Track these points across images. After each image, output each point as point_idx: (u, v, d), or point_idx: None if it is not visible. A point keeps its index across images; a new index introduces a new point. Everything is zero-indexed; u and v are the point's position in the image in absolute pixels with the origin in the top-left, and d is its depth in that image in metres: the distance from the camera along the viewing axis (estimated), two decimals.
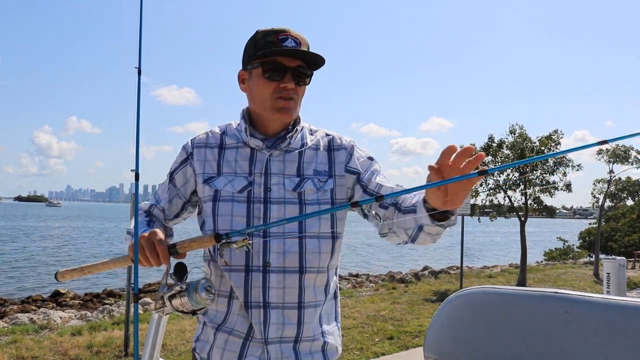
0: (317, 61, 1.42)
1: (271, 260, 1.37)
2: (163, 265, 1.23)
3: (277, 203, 1.39)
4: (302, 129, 1.50)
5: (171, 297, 1.25)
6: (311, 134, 1.51)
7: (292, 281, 1.37)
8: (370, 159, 1.49)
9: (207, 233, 1.42)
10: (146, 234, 1.24)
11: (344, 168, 1.45)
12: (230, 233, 1.13)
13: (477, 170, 1.01)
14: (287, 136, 1.44)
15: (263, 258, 1.37)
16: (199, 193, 1.47)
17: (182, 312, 1.27)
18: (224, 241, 1.13)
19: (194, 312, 1.26)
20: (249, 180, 1.41)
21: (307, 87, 1.47)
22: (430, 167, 1.05)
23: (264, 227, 1.24)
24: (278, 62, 1.38)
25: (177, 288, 1.24)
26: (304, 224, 1.39)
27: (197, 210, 1.55)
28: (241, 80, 1.49)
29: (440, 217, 1.18)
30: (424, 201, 1.17)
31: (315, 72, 1.51)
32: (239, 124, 1.50)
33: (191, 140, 1.51)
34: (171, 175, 1.52)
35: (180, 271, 1.25)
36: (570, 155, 11.67)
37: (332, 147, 1.49)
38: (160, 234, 1.23)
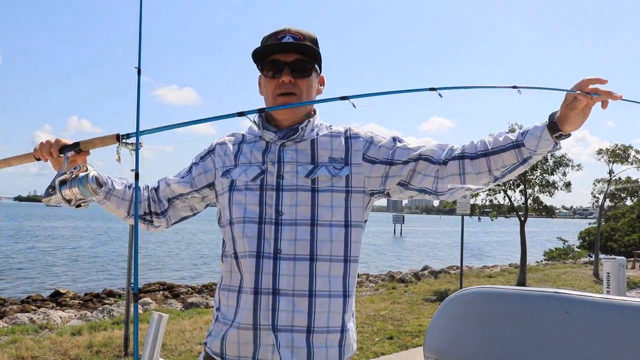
0: (312, 51, 1.44)
1: (282, 247, 1.37)
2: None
3: (289, 190, 1.40)
4: (320, 125, 1.51)
5: (62, 184, 1.33)
6: (329, 128, 1.51)
7: (303, 269, 1.37)
8: (394, 139, 1.47)
9: (222, 224, 1.49)
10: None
11: (361, 156, 1.44)
12: (130, 134, 1.30)
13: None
14: (300, 127, 1.45)
15: (274, 245, 1.37)
16: (217, 186, 1.51)
17: (69, 202, 1.34)
18: (123, 141, 1.31)
19: (78, 205, 1.35)
20: (262, 168, 1.43)
21: (315, 79, 1.49)
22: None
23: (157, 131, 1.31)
24: (275, 59, 1.43)
25: (69, 174, 1.32)
26: (316, 211, 1.39)
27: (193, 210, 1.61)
28: (259, 84, 1.53)
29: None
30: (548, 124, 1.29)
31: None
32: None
33: (216, 140, 1.58)
34: (192, 164, 1.58)
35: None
36: (570, 155, 11.92)
37: (349, 135, 1.48)
38: (60, 139, 1.39)
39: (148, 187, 1.61)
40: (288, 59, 1.42)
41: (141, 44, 1.39)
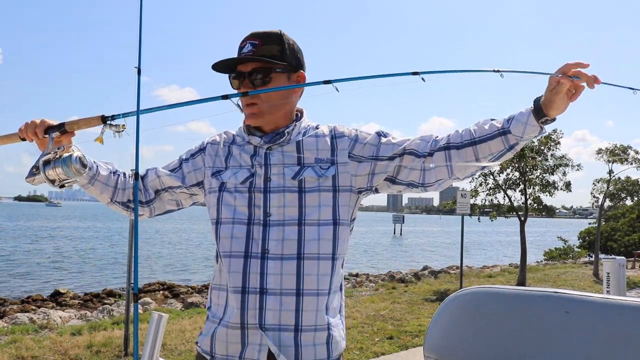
0: (270, 55, 1.41)
1: (269, 248, 1.38)
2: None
3: (276, 192, 1.41)
4: (307, 127, 1.51)
5: (46, 164, 1.31)
6: (315, 129, 1.52)
7: (290, 268, 1.38)
8: (379, 134, 1.48)
9: (211, 221, 1.49)
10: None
11: (347, 155, 1.45)
12: (115, 116, 1.29)
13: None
14: (286, 132, 1.46)
15: (262, 245, 1.39)
16: (206, 185, 1.52)
17: (52, 182, 1.33)
18: (108, 122, 1.30)
19: (62, 185, 1.34)
20: (251, 171, 1.45)
21: (284, 81, 1.43)
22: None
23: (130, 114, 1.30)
24: (237, 71, 1.44)
25: (53, 154, 1.31)
26: (303, 211, 1.40)
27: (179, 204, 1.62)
28: None
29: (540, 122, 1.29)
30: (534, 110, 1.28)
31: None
32: None
33: (207, 139, 1.59)
34: (182, 160, 1.58)
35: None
36: (570, 155, 11.91)
37: (334, 134, 1.49)
38: (45, 120, 1.37)
39: (144, 174, 1.60)
40: (247, 69, 1.42)
41: (141, 44, 1.39)
